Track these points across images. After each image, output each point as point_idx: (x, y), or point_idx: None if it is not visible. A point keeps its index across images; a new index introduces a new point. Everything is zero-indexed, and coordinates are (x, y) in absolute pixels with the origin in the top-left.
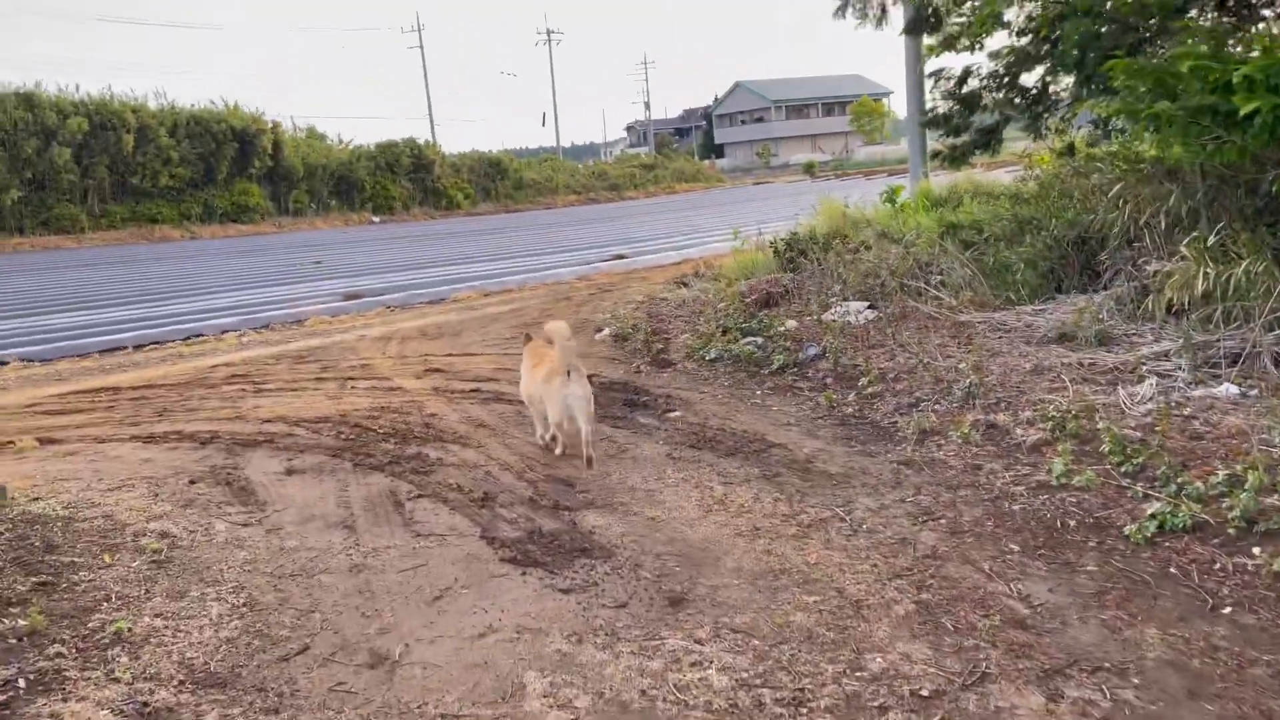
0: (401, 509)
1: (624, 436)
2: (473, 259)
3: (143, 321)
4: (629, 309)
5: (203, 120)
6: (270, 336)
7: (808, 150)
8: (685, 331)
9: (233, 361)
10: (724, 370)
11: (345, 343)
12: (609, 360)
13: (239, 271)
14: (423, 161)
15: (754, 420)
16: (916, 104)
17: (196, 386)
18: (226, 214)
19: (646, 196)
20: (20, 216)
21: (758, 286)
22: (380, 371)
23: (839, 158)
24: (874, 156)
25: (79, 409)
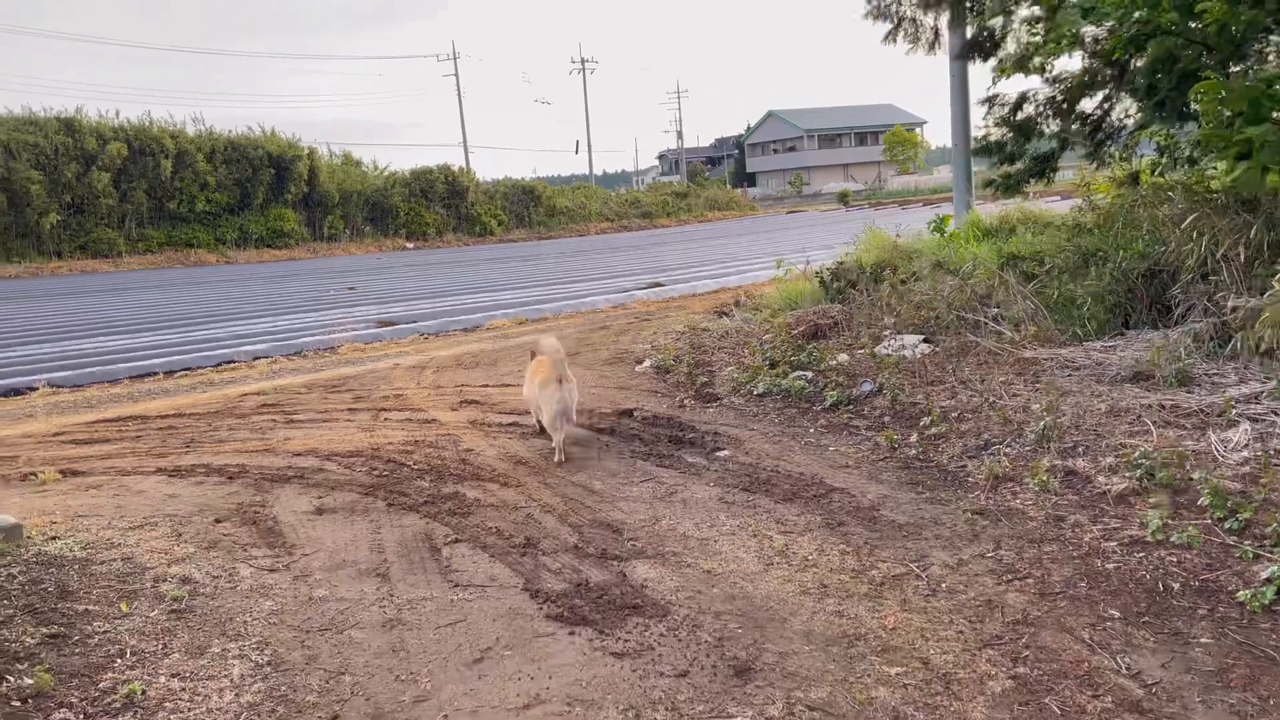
0: (438, 555)
1: (671, 477)
2: (507, 286)
3: (175, 347)
4: (669, 339)
5: (240, 146)
6: (302, 364)
7: (840, 179)
8: (730, 364)
9: (264, 390)
10: (773, 406)
11: (379, 371)
12: (651, 393)
13: (273, 297)
14: (457, 188)
15: (810, 461)
16: (962, 131)
17: (226, 416)
18: (262, 239)
19: (679, 224)
20: (59, 240)
21: (805, 318)
22: (414, 402)
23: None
24: (907, 186)
25: (105, 438)
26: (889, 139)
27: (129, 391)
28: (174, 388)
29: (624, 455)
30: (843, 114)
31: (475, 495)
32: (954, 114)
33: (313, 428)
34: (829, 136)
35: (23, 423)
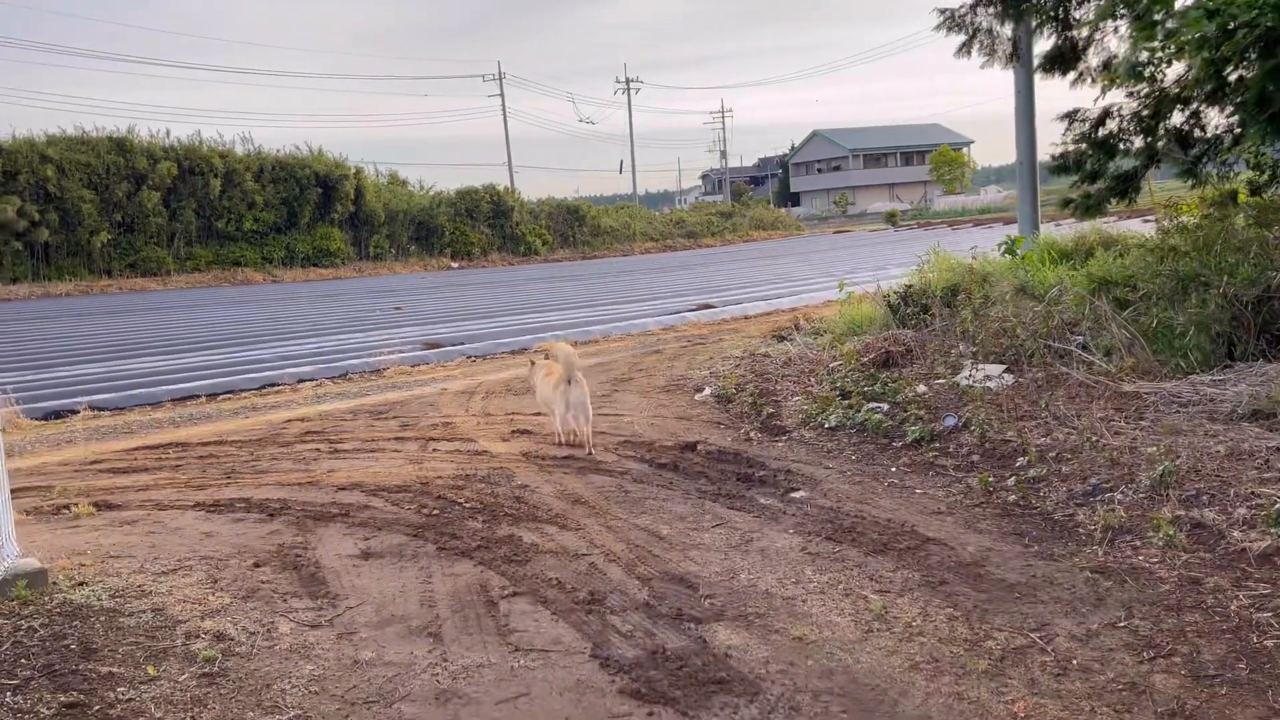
0: (495, 611)
1: (745, 522)
2: (554, 307)
3: (219, 368)
4: (728, 365)
5: (287, 165)
6: (348, 388)
7: (885, 199)
8: (797, 393)
9: (308, 416)
10: (848, 441)
11: (426, 397)
12: (713, 425)
13: (318, 316)
14: (502, 208)
15: (897, 506)
16: (1028, 149)
17: (269, 444)
18: (308, 258)
19: (724, 244)
20: (109, 258)
21: (875, 345)
22: (464, 431)
23: (917, 207)
24: (954, 206)
25: (144, 467)
26: (935, 158)
27: (170, 416)
28: (216, 412)
29: (690, 495)
30: (888, 133)
31: (533, 539)
32: (1019, 131)
33: (358, 458)
34: (874, 156)
35: (61, 449)
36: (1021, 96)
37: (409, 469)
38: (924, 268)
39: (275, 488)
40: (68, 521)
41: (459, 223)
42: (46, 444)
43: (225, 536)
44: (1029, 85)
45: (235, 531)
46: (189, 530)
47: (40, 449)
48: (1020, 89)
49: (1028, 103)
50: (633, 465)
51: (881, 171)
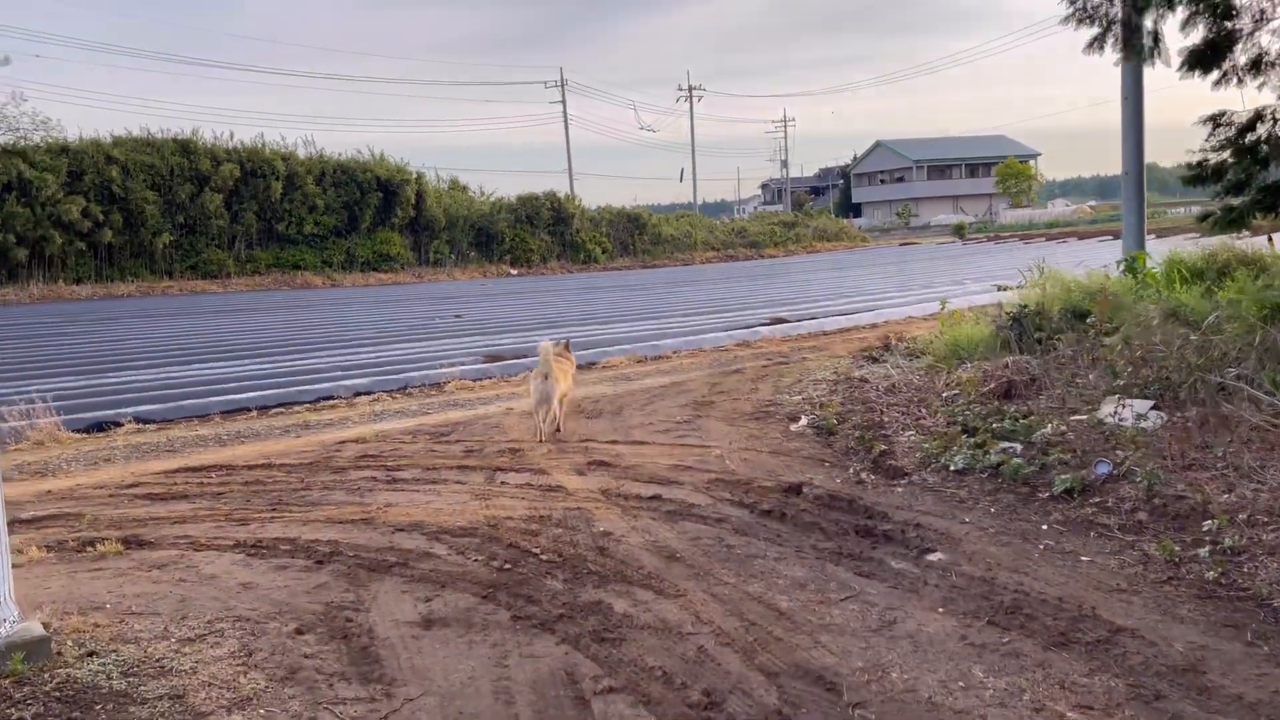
0: (588, 713)
1: (879, 593)
2: (618, 318)
3: (273, 379)
4: (821, 390)
5: (349, 169)
6: (407, 404)
7: (948, 211)
8: (908, 427)
9: (364, 436)
10: (981, 489)
11: (489, 417)
12: (816, 462)
13: (377, 323)
14: (562, 215)
15: (1064, 578)
16: (1134, 158)
17: (321, 469)
18: (367, 263)
19: (786, 255)
20: (171, 260)
21: (994, 372)
22: (534, 460)
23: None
24: (1021, 220)
25: (183, 494)
26: (1001, 171)
27: (217, 433)
28: (266, 430)
29: (805, 553)
30: (952, 145)
31: (624, 608)
32: (1125, 139)
33: (418, 491)
34: (938, 168)
35: (99, 469)
36: (1129, 103)
37: (475, 506)
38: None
39: (325, 525)
40: (91, 561)
41: (519, 229)
42: (83, 462)
43: (265, 589)
44: (1137, 89)
45: (277, 583)
46: (225, 579)
47: (76, 469)
48: (1128, 94)
49: (1136, 109)
50: (730, 511)
51: (945, 183)
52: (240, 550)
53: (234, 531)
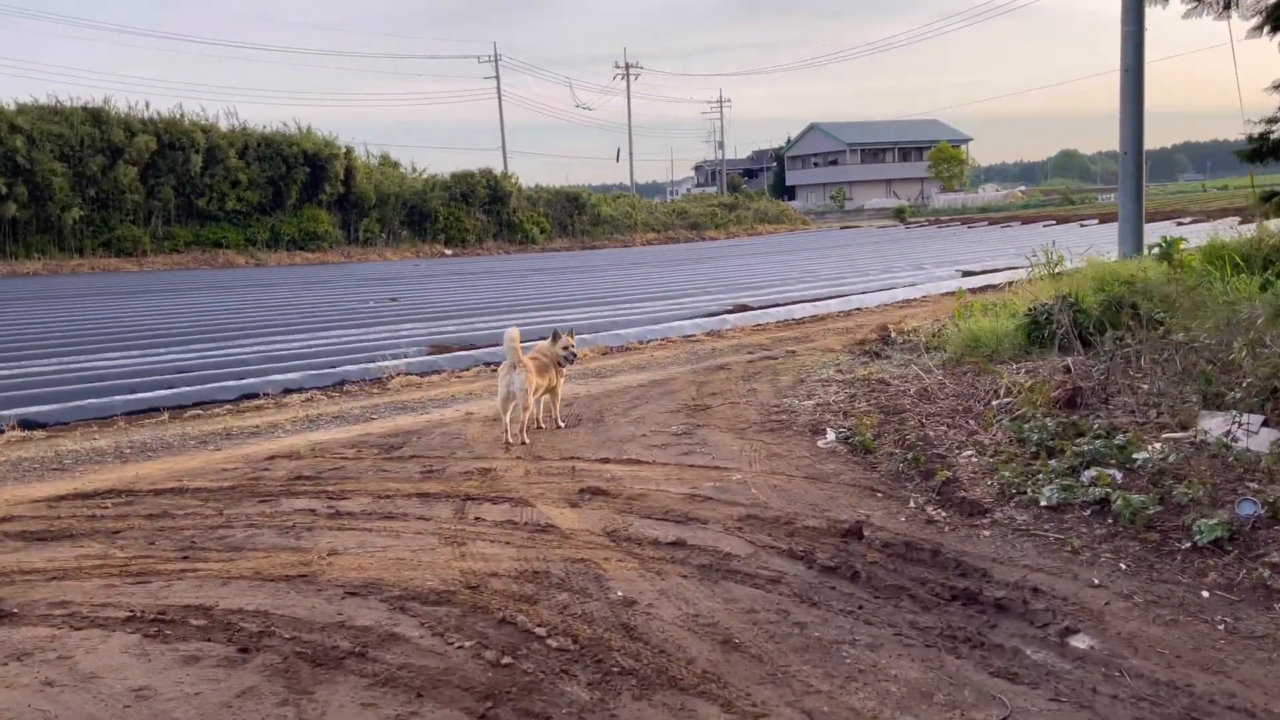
0: None
1: (1036, 708)
2: (569, 303)
3: (190, 371)
4: (833, 393)
5: (274, 143)
6: (346, 405)
7: (881, 194)
8: (964, 445)
9: (298, 450)
10: (1089, 532)
11: (447, 423)
12: (863, 491)
13: (306, 308)
14: (498, 193)
15: (1276, 683)
16: (1133, 137)
17: (245, 496)
18: (293, 241)
19: (728, 237)
20: (81, 236)
21: (1057, 378)
22: (511, 485)
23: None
24: (953, 204)
25: (68, 531)
26: (934, 155)
27: (117, 444)
28: (180, 439)
29: (906, 636)
30: (886, 129)
31: None
32: (1124, 116)
33: (369, 529)
34: (872, 151)
35: None
36: (1130, 75)
37: (446, 555)
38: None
39: (251, 584)
40: None
41: (453, 208)
42: None
43: (167, 700)
44: (1138, 61)
45: (185, 687)
46: (110, 681)
47: None
48: (1128, 65)
49: (1136, 83)
50: (781, 565)
51: (879, 167)
52: (136, 627)
53: (130, 594)
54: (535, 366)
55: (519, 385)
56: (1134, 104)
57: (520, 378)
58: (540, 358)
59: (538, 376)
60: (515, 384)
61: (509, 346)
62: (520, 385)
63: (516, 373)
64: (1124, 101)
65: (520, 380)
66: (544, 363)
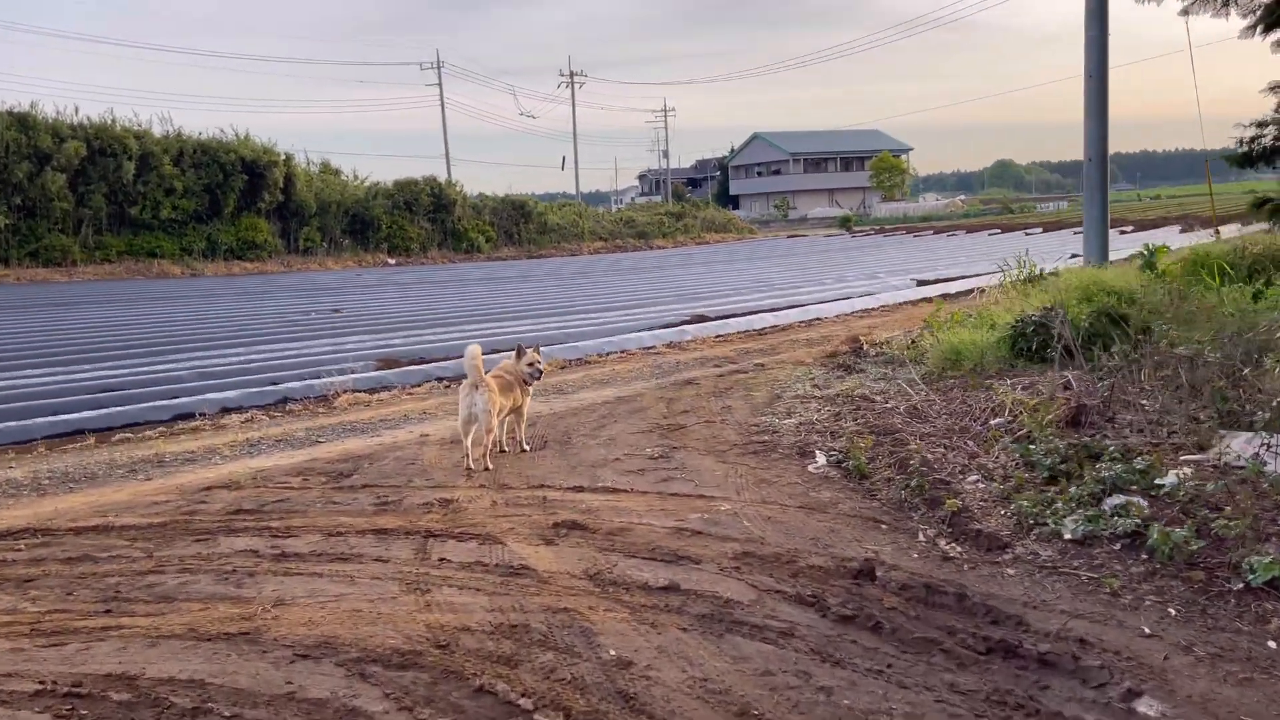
0: None
1: None
2: (520, 314)
3: (119, 390)
4: (813, 411)
5: (210, 149)
6: (290, 427)
7: (824, 203)
8: (967, 469)
9: (237, 479)
10: (1124, 570)
11: (401, 447)
12: (865, 522)
13: (245, 320)
14: (443, 201)
15: None
16: (1098, 143)
17: (179, 534)
18: (231, 250)
19: (676, 246)
20: (7, 246)
21: (1059, 395)
22: (476, 518)
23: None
24: (895, 213)
25: None
26: (875, 165)
27: (35, 473)
28: (106, 466)
29: (948, 702)
30: (828, 138)
31: None
32: (1089, 122)
33: (320, 573)
34: (814, 160)
35: None
36: (1094, 81)
37: (409, 605)
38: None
39: (185, 646)
40: None
41: (397, 216)
42: None
43: None
44: (1102, 66)
45: None
46: None
47: None
48: (1092, 71)
49: (1100, 89)
50: (789, 612)
51: (821, 176)
52: (47, 705)
53: (41, 660)
54: (499, 385)
55: (481, 406)
56: (1099, 110)
57: (483, 398)
58: (504, 376)
59: (501, 396)
60: (478, 405)
61: (470, 364)
62: (483, 406)
63: (479, 393)
64: (1089, 108)
65: (483, 401)
66: (508, 381)
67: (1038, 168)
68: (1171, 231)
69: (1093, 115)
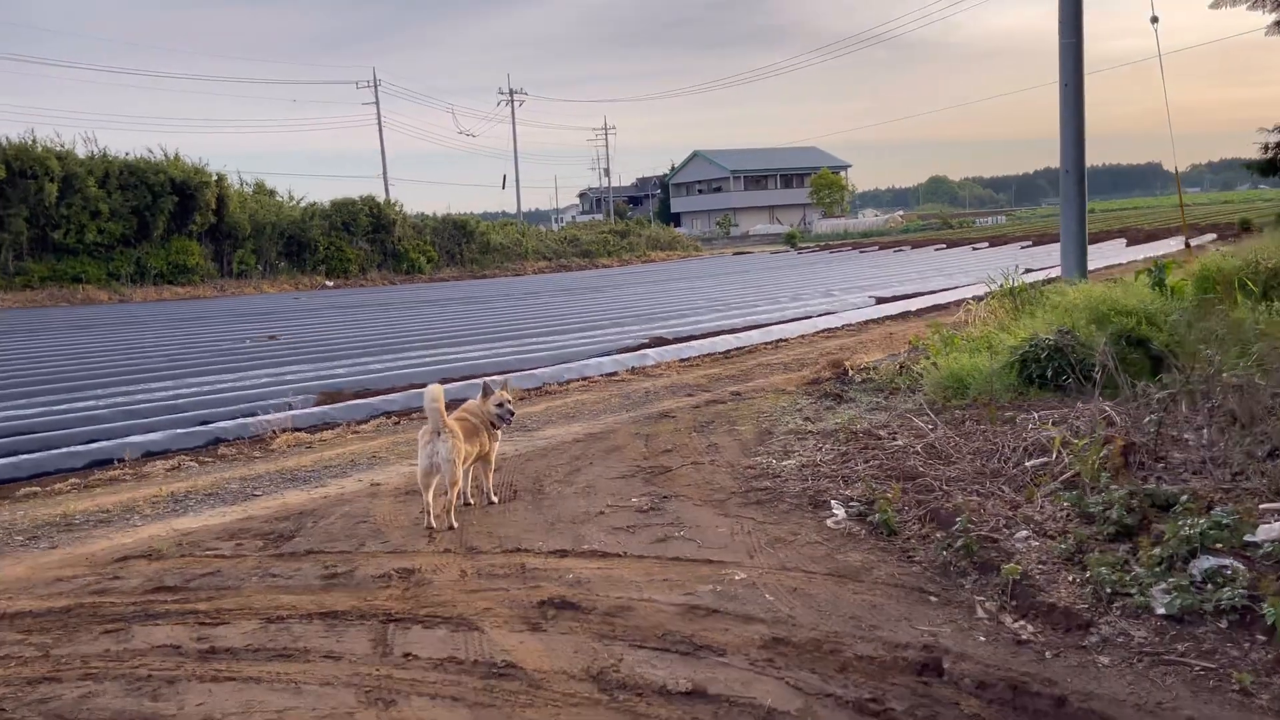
0: None
1: None
2: (468, 338)
3: (28, 433)
4: (812, 449)
5: (138, 170)
6: (221, 475)
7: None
8: (1013, 521)
9: (158, 545)
10: (1244, 654)
11: (349, 499)
12: (908, 593)
13: (175, 349)
14: (382, 222)
15: None
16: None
17: (83, 625)
18: (161, 275)
19: (621, 264)
20: None
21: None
22: (444, 594)
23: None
24: (836, 229)
25: None
26: (816, 181)
27: None
28: (4, 529)
29: None
30: (768, 156)
31: None
32: (1065, 132)
33: (258, 679)
34: (755, 178)
35: None
36: (1069, 90)
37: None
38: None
39: None
40: None
41: (334, 237)
42: None
43: None
44: (1078, 74)
45: None
46: None
47: None
48: (1067, 79)
49: (1076, 97)
50: None
51: (762, 193)
52: None
53: None
54: (464, 430)
55: (444, 455)
56: (1074, 119)
57: (446, 446)
58: (468, 419)
59: (466, 443)
60: (440, 454)
61: (431, 408)
62: (446, 455)
63: (441, 440)
64: (1064, 117)
65: (446, 449)
66: (473, 425)
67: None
68: (1118, 245)
69: (1068, 124)
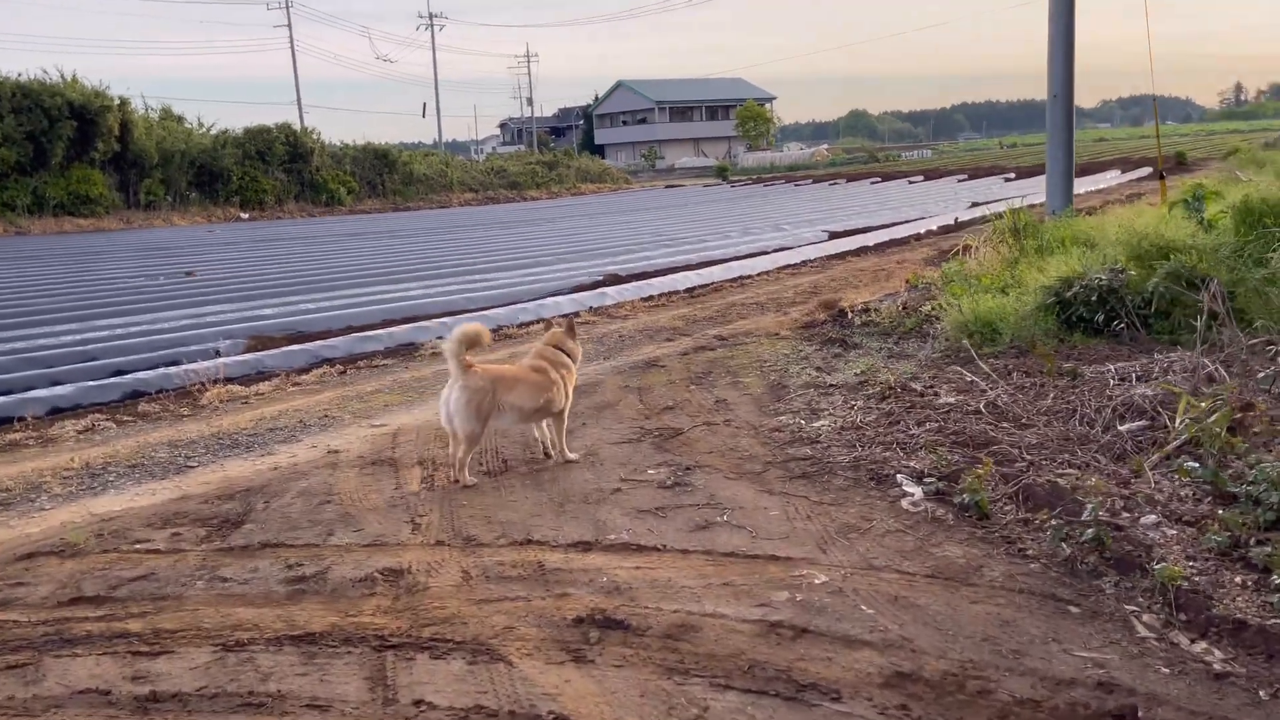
0: None
1: None
2: (406, 275)
3: None
4: (840, 405)
5: (32, 93)
6: (145, 438)
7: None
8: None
9: (74, 537)
10: None
11: (305, 472)
12: (1039, 602)
13: (80, 287)
14: (299, 151)
15: None
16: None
17: None
18: (62, 205)
19: (550, 197)
20: None
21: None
22: (448, 606)
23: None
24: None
25: None
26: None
27: None
28: None
29: None
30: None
31: None
32: (1053, 62)
33: None
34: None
35: None
36: (1058, 21)
37: None
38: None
39: None
40: None
41: (249, 167)
42: None
43: None
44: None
45: None
46: None
47: None
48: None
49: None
50: None
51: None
52: None
53: None
54: (532, 379)
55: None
56: (1064, 41)
57: (456, 394)
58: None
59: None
60: (452, 404)
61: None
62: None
63: (453, 389)
64: (1054, 40)
65: (457, 396)
66: (542, 369)
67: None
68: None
69: (1058, 47)
